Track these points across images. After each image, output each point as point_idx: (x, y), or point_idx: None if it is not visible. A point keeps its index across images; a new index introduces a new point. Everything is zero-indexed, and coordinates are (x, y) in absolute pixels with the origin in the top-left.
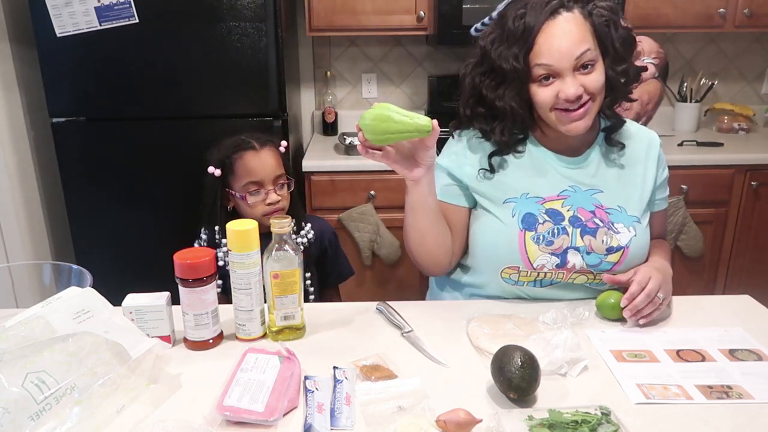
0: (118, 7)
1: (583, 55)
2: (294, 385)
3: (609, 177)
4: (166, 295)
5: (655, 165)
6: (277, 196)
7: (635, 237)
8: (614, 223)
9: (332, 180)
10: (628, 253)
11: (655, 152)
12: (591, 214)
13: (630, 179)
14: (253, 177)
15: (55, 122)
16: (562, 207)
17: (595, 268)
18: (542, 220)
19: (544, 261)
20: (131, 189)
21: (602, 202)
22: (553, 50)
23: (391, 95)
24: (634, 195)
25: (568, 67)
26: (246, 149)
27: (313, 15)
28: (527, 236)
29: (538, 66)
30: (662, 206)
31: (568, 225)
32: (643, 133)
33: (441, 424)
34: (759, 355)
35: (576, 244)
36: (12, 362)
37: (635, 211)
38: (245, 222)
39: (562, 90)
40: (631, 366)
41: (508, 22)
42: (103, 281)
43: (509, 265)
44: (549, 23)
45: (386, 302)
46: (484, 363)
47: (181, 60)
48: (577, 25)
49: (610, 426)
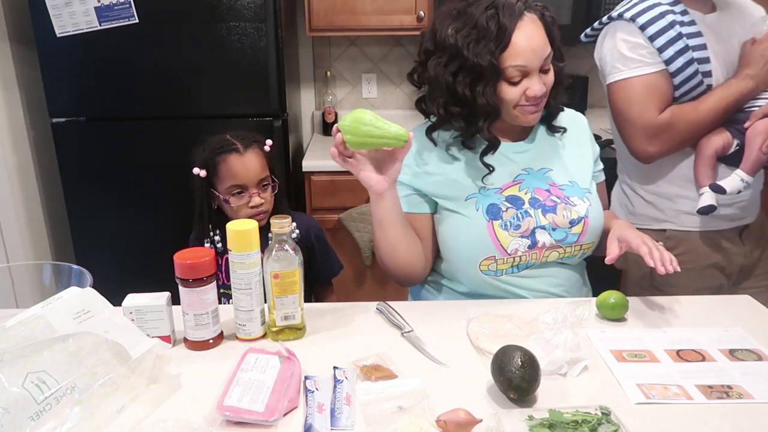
0: (118, 7)
1: (549, 56)
2: (294, 385)
3: (555, 156)
4: (166, 295)
5: (589, 141)
6: (260, 199)
7: (591, 206)
8: (569, 197)
9: (332, 180)
10: (588, 222)
11: (586, 131)
12: (547, 192)
13: (572, 155)
14: (236, 180)
15: (55, 122)
16: (519, 191)
17: (563, 242)
18: (505, 208)
19: (516, 245)
20: (131, 189)
21: (554, 179)
22: (528, 51)
23: (391, 95)
24: (580, 168)
25: (536, 68)
26: (230, 151)
27: (313, 15)
28: (495, 225)
29: (513, 67)
30: (600, 178)
31: (529, 207)
32: (573, 115)
33: (441, 424)
34: (759, 355)
35: (541, 223)
36: (12, 362)
37: (585, 183)
38: (245, 222)
39: (530, 88)
40: (631, 366)
41: (479, 21)
42: (103, 281)
43: (486, 257)
44: (519, 24)
45: (386, 302)
46: (484, 363)
47: (181, 60)
48: (539, 26)
49: (610, 426)
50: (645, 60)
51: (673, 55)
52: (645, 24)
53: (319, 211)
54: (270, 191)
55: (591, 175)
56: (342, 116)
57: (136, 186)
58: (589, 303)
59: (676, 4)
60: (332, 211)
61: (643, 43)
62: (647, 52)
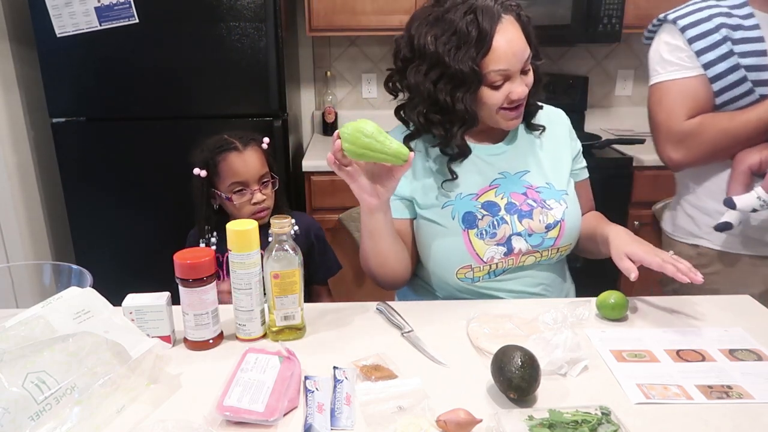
0: (118, 7)
1: (528, 58)
2: (294, 385)
3: (532, 157)
4: (166, 295)
5: (567, 138)
6: (262, 196)
7: (567, 209)
8: (546, 200)
9: (332, 180)
10: (564, 226)
11: (565, 127)
12: (524, 196)
13: (549, 155)
14: (237, 178)
15: (55, 122)
16: (495, 196)
17: (539, 247)
18: (480, 216)
19: (492, 253)
20: (131, 189)
21: (531, 182)
22: (509, 55)
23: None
24: (557, 169)
25: (518, 70)
26: (229, 150)
27: (313, 15)
28: (471, 234)
29: (495, 72)
30: (583, 175)
31: (505, 213)
32: (552, 113)
33: (441, 424)
34: (759, 355)
35: (517, 230)
36: (12, 362)
37: (561, 184)
38: (245, 222)
39: (513, 91)
40: (631, 366)
41: (459, 27)
42: (103, 281)
43: (462, 266)
44: (498, 28)
45: (386, 302)
46: (484, 363)
47: (181, 60)
48: (517, 28)
49: (610, 426)
50: (683, 64)
51: (715, 59)
52: (687, 26)
53: (319, 211)
54: (270, 188)
55: (568, 174)
56: (344, 123)
57: (136, 186)
58: (589, 303)
59: (741, 7)
60: (332, 211)
61: (683, 46)
62: (686, 56)
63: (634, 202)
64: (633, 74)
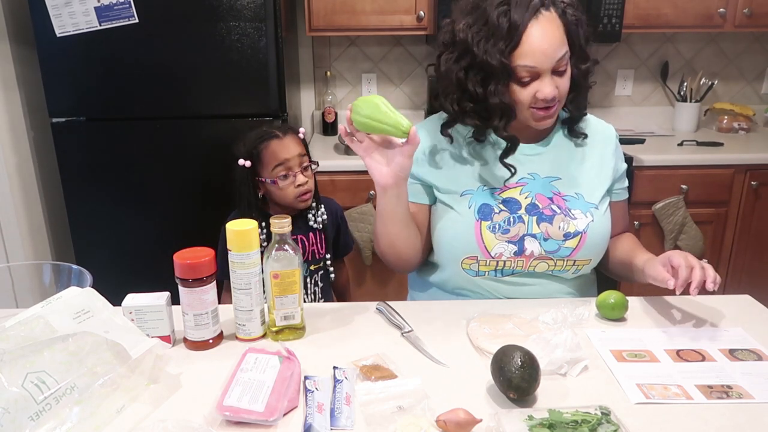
0: (118, 7)
1: (562, 58)
2: (294, 385)
3: (567, 165)
4: (166, 295)
5: (612, 156)
6: (304, 177)
7: (593, 222)
8: (571, 210)
9: (332, 180)
10: (585, 239)
11: (612, 144)
12: (549, 200)
13: (587, 167)
14: (280, 161)
15: (55, 122)
16: (520, 195)
17: (554, 254)
18: (498, 210)
19: (501, 249)
20: (131, 189)
21: (560, 189)
22: (537, 52)
23: (391, 95)
24: (592, 183)
25: (547, 69)
26: (271, 138)
27: (313, 15)
28: (483, 226)
29: (521, 67)
30: (622, 196)
31: (525, 213)
32: (600, 126)
33: (441, 424)
34: (759, 355)
35: (532, 231)
36: (12, 362)
37: (593, 198)
38: (245, 222)
39: (540, 90)
40: (631, 366)
41: (490, 17)
42: (103, 281)
43: (468, 255)
44: (533, 23)
45: (386, 302)
46: (484, 363)
47: (181, 60)
48: (556, 26)
49: (610, 426)
50: None
51: None
52: None
53: None
54: (311, 171)
55: (605, 191)
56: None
57: (136, 186)
58: (589, 303)
59: None
60: None
61: None
62: None
63: (634, 202)
64: (633, 74)
